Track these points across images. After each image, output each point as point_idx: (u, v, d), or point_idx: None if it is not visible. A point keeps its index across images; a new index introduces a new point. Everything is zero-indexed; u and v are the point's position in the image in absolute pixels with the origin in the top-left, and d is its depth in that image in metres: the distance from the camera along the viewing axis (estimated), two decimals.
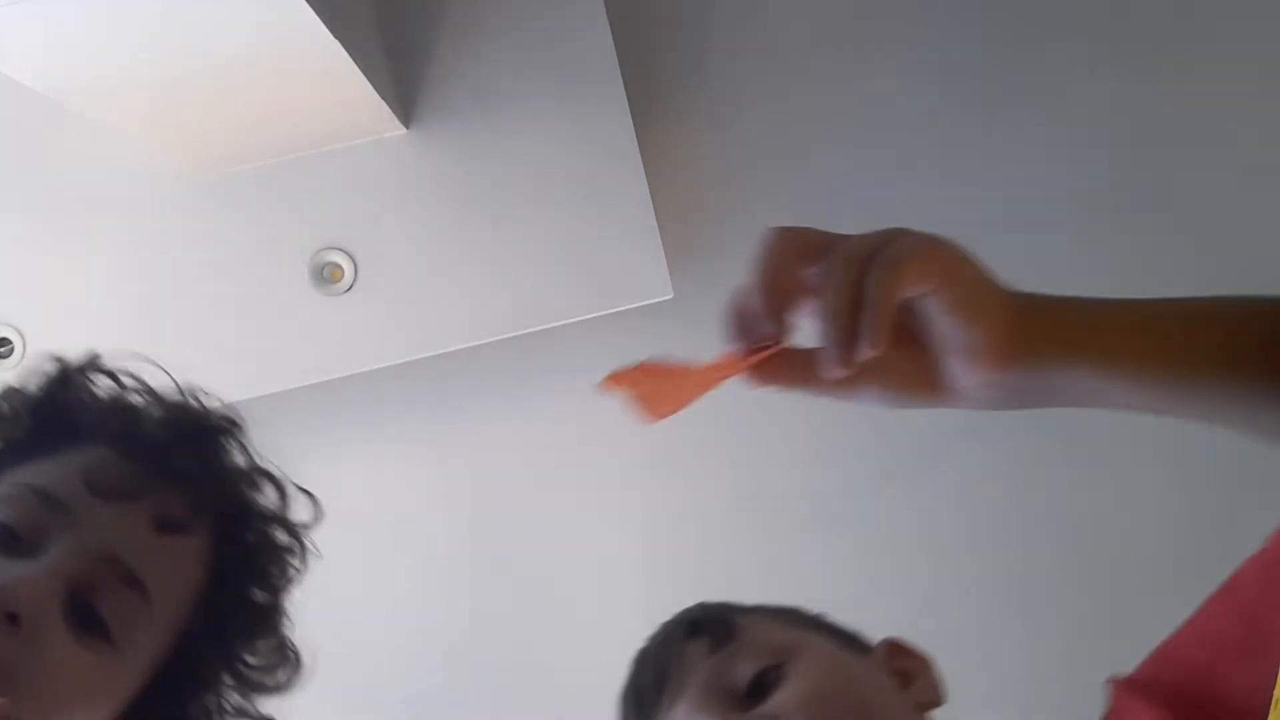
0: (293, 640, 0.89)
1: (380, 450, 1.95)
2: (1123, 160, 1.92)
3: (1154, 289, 2.01)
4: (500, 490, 1.94)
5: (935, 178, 1.91)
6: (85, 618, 0.75)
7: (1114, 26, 1.94)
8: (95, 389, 0.88)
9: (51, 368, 0.89)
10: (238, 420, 0.90)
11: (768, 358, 0.64)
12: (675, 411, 0.69)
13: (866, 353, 0.57)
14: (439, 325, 1.71)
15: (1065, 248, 1.92)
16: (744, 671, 0.80)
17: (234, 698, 0.85)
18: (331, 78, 1.43)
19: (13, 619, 0.71)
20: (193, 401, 0.90)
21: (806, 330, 0.62)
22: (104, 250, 1.69)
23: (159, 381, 0.90)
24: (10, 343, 1.65)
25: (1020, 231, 1.92)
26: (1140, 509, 1.91)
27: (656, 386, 0.69)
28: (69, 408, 0.86)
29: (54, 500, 0.77)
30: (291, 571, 0.90)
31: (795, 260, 0.61)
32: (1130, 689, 0.78)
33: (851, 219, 2.06)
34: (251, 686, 0.86)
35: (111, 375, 0.89)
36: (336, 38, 1.27)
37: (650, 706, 0.86)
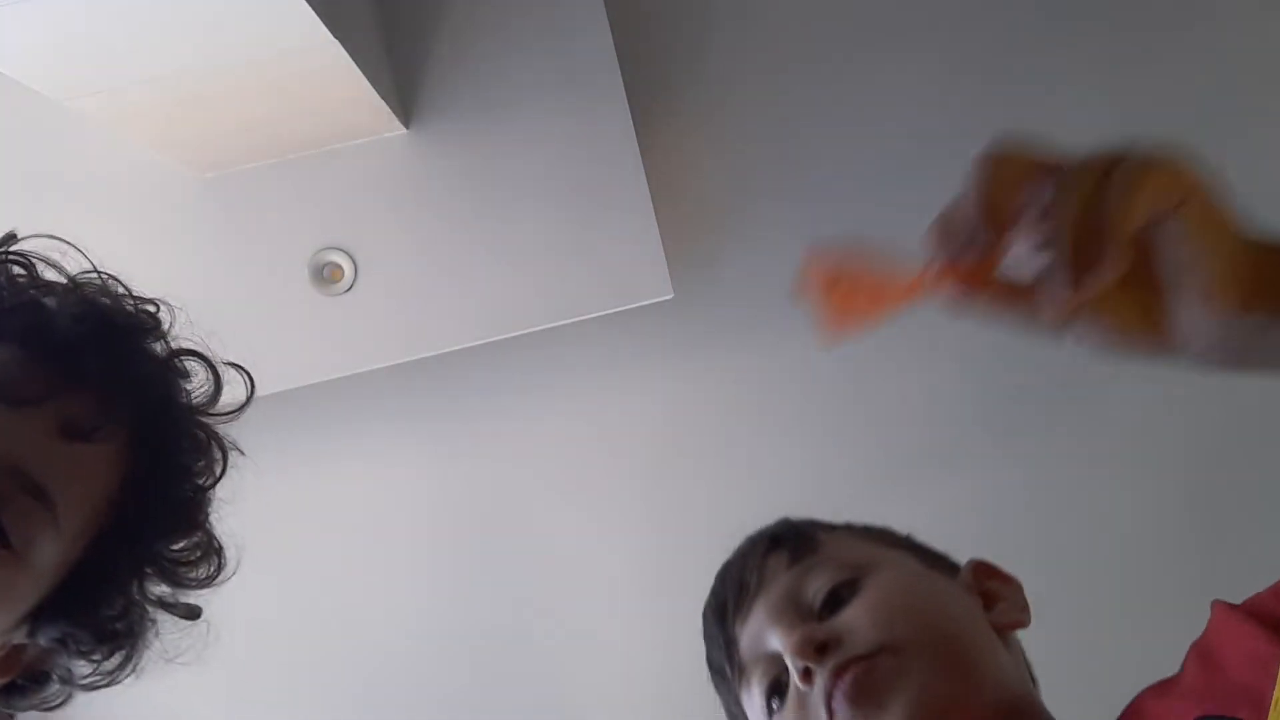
0: (217, 535, 0.84)
1: (380, 450, 1.95)
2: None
3: None
4: (501, 489, 1.95)
5: (936, 178, 1.91)
6: None
7: (1114, 28, 1.94)
8: (6, 277, 0.81)
9: None
10: (159, 311, 0.85)
11: (980, 270, 0.55)
12: (864, 326, 0.62)
13: (1100, 280, 0.50)
14: (439, 325, 1.71)
15: None
16: (818, 586, 0.83)
17: (157, 588, 0.81)
18: (332, 78, 1.43)
19: None
20: (113, 293, 0.84)
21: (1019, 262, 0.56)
22: (104, 249, 1.69)
23: (80, 267, 0.84)
24: None
25: None
26: (1150, 507, 1.91)
27: (852, 291, 0.62)
28: None
29: None
30: (216, 465, 0.84)
31: (1018, 178, 0.55)
32: (1238, 610, 0.80)
33: (852, 220, 2.07)
34: (173, 580, 0.81)
35: (24, 263, 0.82)
36: (337, 38, 1.27)
37: (729, 617, 0.88)
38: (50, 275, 0.82)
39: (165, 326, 0.84)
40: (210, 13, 1.19)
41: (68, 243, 0.85)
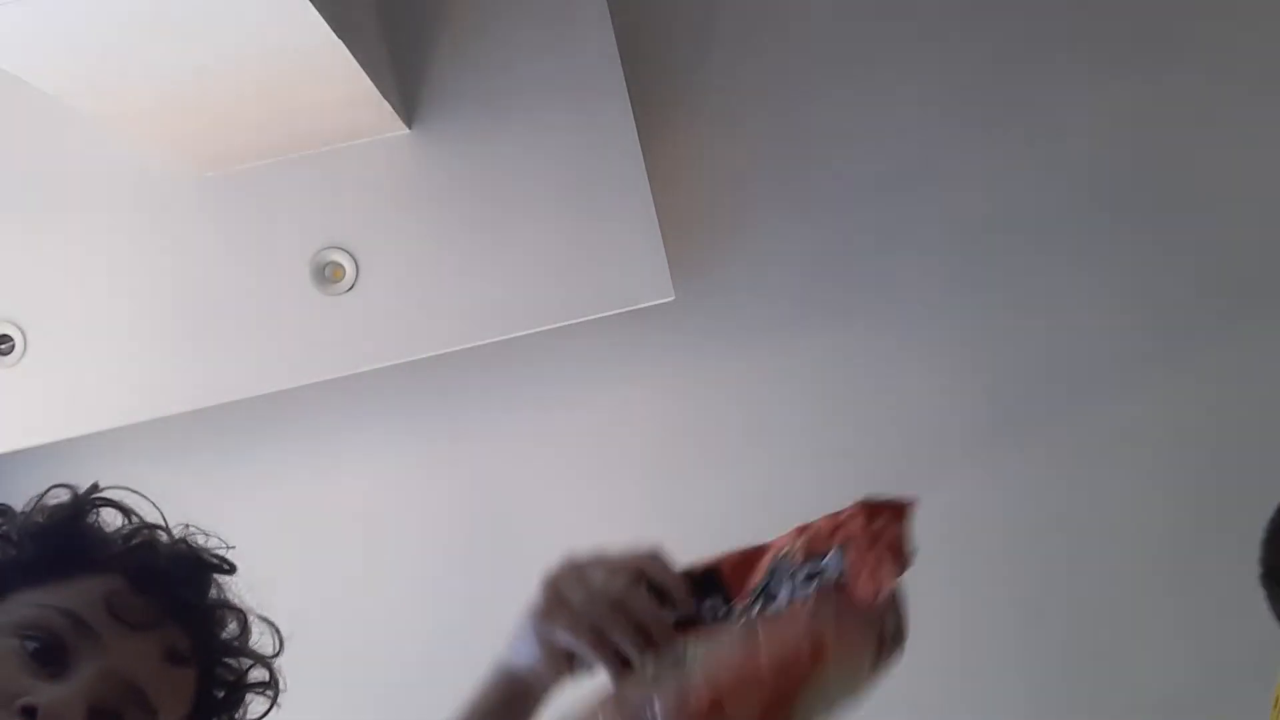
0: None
1: (381, 449, 1.95)
2: (1121, 167, 1.92)
3: (1152, 294, 2.00)
4: (502, 489, 1.94)
5: (938, 179, 1.91)
6: None
7: (1115, 31, 1.94)
8: (101, 518, 0.95)
9: (63, 496, 0.95)
10: (230, 561, 0.98)
11: None
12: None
13: None
14: (440, 325, 1.71)
15: (1067, 251, 1.92)
16: None
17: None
18: (334, 77, 1.43)
19: None
20: (190, 538, 0.98)
21: None
22: (105, 249, 1.69)
23: (152, 514, 0.98)
24: (11, 340, 1.65)
25: (1022, 234, 1.93)
26: (1141, 519, 1.91)
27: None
28: (82, 536, 0.93)
29: (82, 622, 0.85)
30: (260, 700, 0.99)
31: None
32: None
33: (853, 220, 2.06)
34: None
35: (118, 507, 0.96)
36: (340, 37, 1.27)
37: None
38: (137, 518, 0.96)
39: (236, 572, 0.99)
40: (212, 11, 1.19)
41: (143, 495, 0.98)
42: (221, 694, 0.95)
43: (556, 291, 1.70)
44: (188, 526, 0.98)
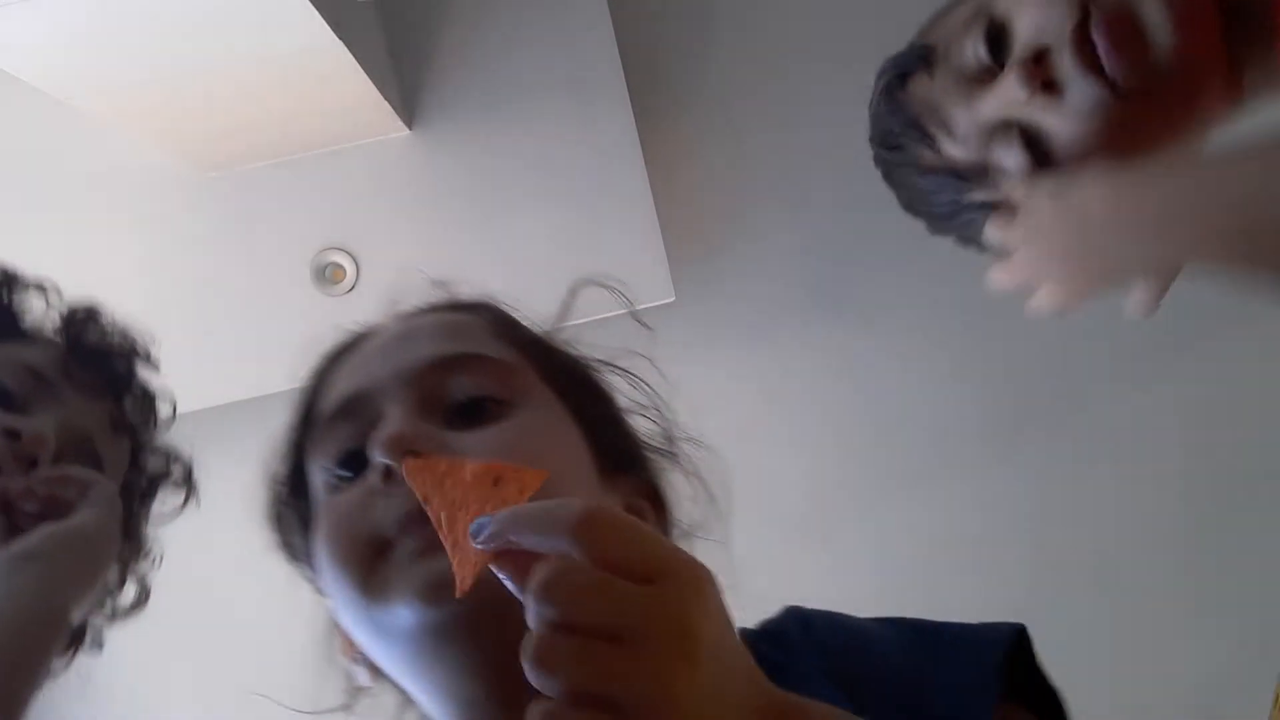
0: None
1: None
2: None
3: (1163, 304, 1.99)
4: None
5: None
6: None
7: None
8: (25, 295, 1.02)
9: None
10: (146, 347, 1.03)
11: None
12: None
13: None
14: None
15: None
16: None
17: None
18: (335, 79, 1.43)
19: (33, 463, 0.85)
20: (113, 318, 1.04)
21: None
22: (106, 248, 1.69)
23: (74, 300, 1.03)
24: None
25: None
26: (1141, 517, 1.91)
27: None
28: (15, 306, 0.99)
29: (41, 377, 0.91)
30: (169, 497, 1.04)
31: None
32: None
33: (852, 220, 2.06)
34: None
35: (40, 289, 1.03)
36: (341, 38, 1.28)
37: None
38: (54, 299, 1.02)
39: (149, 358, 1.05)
40: (214, 13, 1.20)
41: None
42: (143, 479, 0.99)
43: (556, 292, 1.70)
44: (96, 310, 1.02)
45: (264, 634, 1.93)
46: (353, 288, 1.70)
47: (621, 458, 0.78)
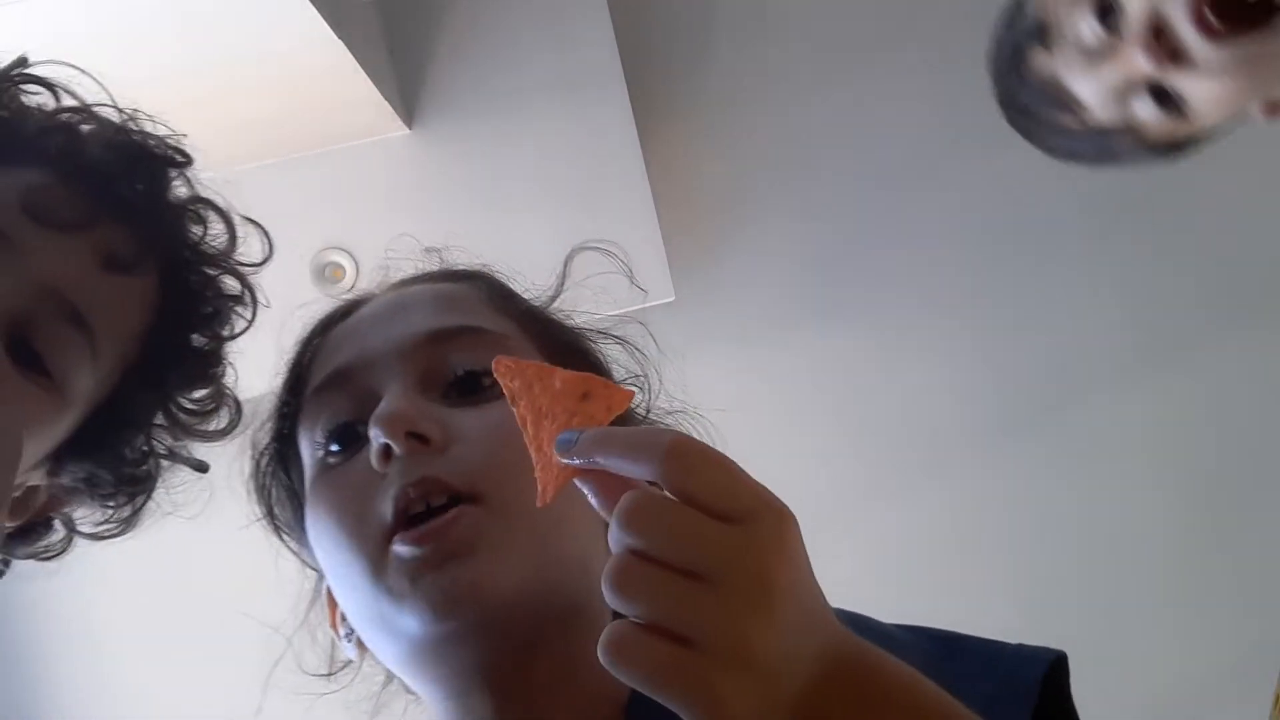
0: (231, 389, 0.82)
1: None
2: (1118, 170, 1.92)
3: (1152, 294, 1.99)
4: None
5: (937, 179, 1.91)
6: (25, 356, 0.67)
7: None
8: (27, 100, 0.76)
9: None
10: (186, 151, 0.80)
11: None
12: None
13: None
14: None
15: (1066, 250, 1.92)
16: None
17: (166, 439, 0.78)
18: (335, 78, 1.43)
19: None
20: (141, 125, 0.79)
21: None
22: None
23: (98, 98, 0.78)
24: None
25: (1022, 234, 1.92)
26: (1140, 518, 1.91)
27: None
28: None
29: None
30: (237, 320, 0.82)
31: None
32: None
33: (852, 220, 2.06)
34: (185, 430, 0.78)
35: (46, 85, 0.76)
36: (340, 38, 1.28)
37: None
38: (71, 102, 0.77)
39: (191, 164, 0.80)
40: (213, 11, 1.19)
41: (83, 70, 0.78)
42: (190, 307, 0.77)
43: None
44: (135, 111, 0.79)
45: (263, 635, 1.93)
46: (353, 287, 1.70)
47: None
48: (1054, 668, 0.65)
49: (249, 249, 0.83)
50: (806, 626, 0.49)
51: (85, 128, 0.76)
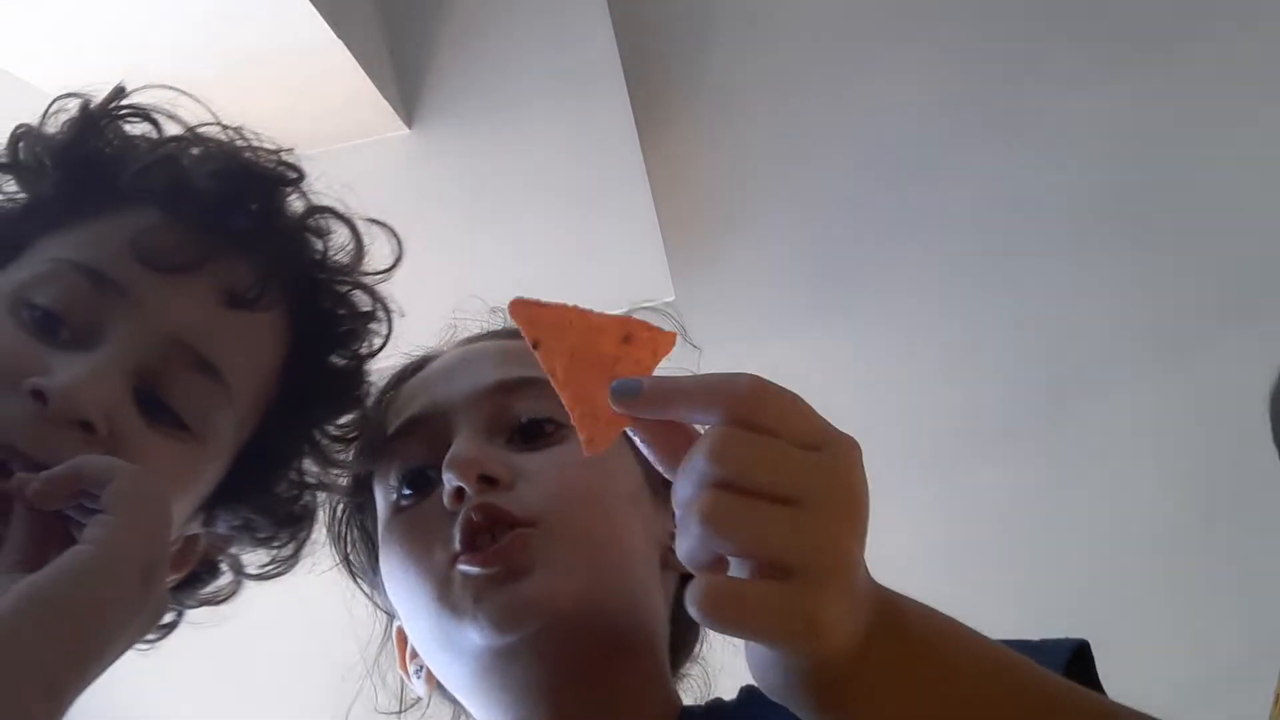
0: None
1: None
2: (1120, 168, 1.92)
3: (1152, 291, 1.99)
4: None
5: (937, 177, 1.91)
6: (157, 411, 0.63)
7: (1113, 35, 1.94)
8: (128, 134, 0.73)
9: (73, 106, 0.72)
10: (298, 166, 0.75)
11: None
12: None
13: None
14: (439, 326, 1.71)
15: (1066, 247, 1.92)
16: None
17: (314, 469, 0.75)
18: (334, 77, 1.43)
19: (87, 428, 0.60)
20: (244, 144, 0.75)
21: None
22: None
23: (199, 119, 0.75)
24: None
25: (1021, 231, 1.92)
26: (1140, 515, 1.91)
27: None
28: (101, 157, 0.71)
29: (103, 279, 0.64)
30: (374, 336, 0.78)
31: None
32: None
33: (852, 218, 2.06)
34: (332, 461, 0.75)
35: (145, 116, 0.74)
36: (340, 37, 1.28)
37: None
38: (174, 129, 0.74)
39: (306, 179, 0.75)
40: (212, 10, 1.19)
41: (182, 91, 0.76)
42: (324, 331, 0.73)
43: (557, 291, 1.70)
44: (240, 129, 0.75)
45: (280, 644, 1.93)
46: None
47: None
48: (1076, 656, 0.67)
49: (378, 251, 0.79)
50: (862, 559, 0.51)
51: (189, 156, 0.72)
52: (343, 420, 0.76)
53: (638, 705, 0.69)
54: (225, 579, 0.76)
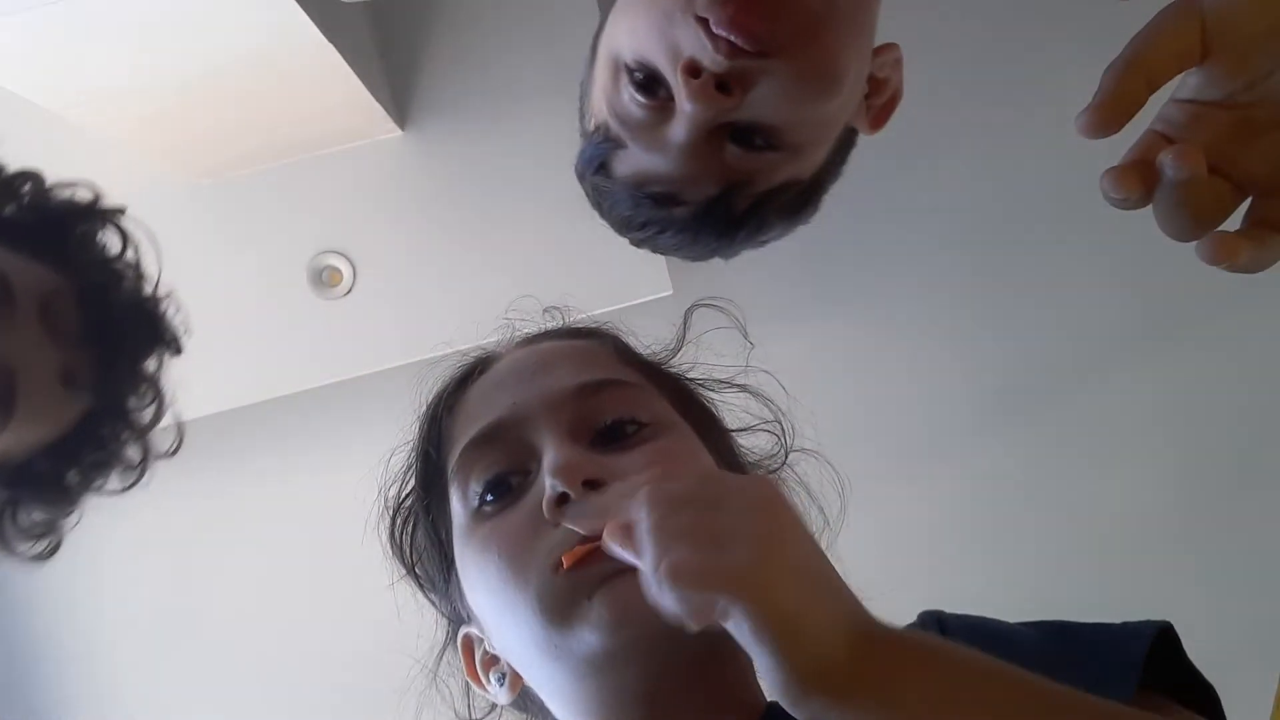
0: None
1: (381, 454, 1.95)
2: (1123, 150, 1.92)
3: (1152, 280, 1.99)
4: None
5: (936, 169, 1.91)
6: None
7: (1115, 19, 1.94)
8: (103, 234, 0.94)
9: (87, 195, 0.97)
10: (180, 343, 0.94)
11: None
12: None
13: None
14: (439, 325, 1.71)
15: (1067, 238, 1.92)
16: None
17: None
18: (326, 81, 1.43)
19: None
20: (164, 301, 0.95)
21: None
22: None
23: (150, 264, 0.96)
24: None
25: (1023, 223, 1.93)
26: (1141, 508, 1.91)
27: None
28: (72, 233, 0.93)
29: (8, 291, 0.81)
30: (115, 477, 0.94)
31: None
32: None
33: (850, 218, 2.06)
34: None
35: (123, 234, 0.96)
36: (330, 41, 1.28)
37: None
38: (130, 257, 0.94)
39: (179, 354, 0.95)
40: (203, 17, 1.19)
41: (154, 244, 0.98)
42: (93, 450, 0.89)
43: (554, 289, 1.70)
44: (170, 294, 0.95)
45: (270, 644, 1.93)
46: (350, 290, 1.70)
47: (737, 471, 0.84)
48: (1160, 638, 0.68)
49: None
50: (829, 572, 0.56)
51: (129, 281, 0.92)
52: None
53: (733, 705, 0.70)
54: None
